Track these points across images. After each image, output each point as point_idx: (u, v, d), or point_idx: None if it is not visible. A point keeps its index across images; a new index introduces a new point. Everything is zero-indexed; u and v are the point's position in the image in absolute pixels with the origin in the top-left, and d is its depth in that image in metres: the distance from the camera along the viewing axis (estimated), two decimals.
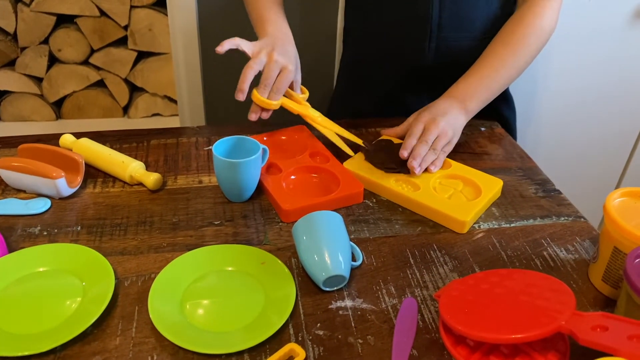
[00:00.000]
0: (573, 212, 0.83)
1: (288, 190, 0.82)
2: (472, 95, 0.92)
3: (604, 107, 1.58)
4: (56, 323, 0.61)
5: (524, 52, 0.94)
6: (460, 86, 0.94)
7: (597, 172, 1.70)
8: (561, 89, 1.52)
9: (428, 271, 0.71)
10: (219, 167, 0.79)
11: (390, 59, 1.07)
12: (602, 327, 0.53)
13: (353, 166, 0.88)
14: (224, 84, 1.55)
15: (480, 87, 0.93)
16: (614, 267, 0.66)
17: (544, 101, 1.54)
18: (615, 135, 1.64)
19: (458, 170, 0.88)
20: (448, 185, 0.85)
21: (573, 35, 1.43)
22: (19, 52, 1.65)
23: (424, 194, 0.81)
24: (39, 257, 0.69)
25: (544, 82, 1.51)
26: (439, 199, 0.81)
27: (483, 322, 0.57)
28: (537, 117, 1.56)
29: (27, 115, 1.75)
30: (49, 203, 0.80)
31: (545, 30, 0.94)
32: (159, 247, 0.73)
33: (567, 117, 1.58)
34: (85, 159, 0.85)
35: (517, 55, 0.93)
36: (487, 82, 0.93)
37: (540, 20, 0.93)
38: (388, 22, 1.02)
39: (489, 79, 0.93)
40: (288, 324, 0.62)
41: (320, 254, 0.67)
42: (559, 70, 1.49)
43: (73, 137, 0.92)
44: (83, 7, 1.59)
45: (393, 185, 0.83)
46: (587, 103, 1.56)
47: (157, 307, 0.62)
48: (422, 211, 0.81)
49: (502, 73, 0.94)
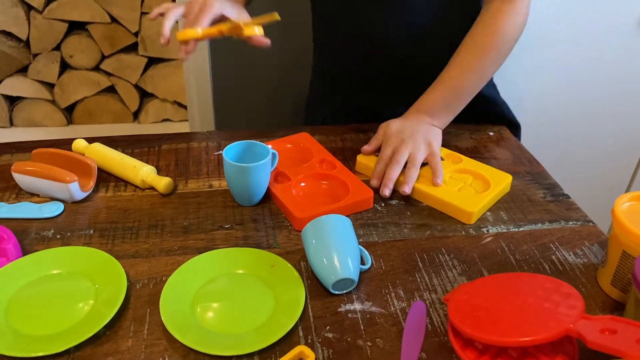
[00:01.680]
0: (581, 216, 0.83)
1: (299, 198, 0.83)
2: (439, 107, 0.93)
3: (612, 112, 1.57)
4: (69, 324, 0.62)
5: (488, 60, 0.93)
6: (426, 99, 0.94)
7: (605, 177, 1.69)
8: (570, 93, 1.52)
9: (437, 275, 0.71)
10: (229, 171, 0.80)
11: (358, 69, 1.06)
12: (611, 331, 0.54)
13: (367, 160, 0.90)
14: (233, 90, 1.56)
15: (447, 98, 0.93)
16: (622, 271, 0.66)
17: (552, 105, 1.54)
18: (623, 140, 1.63)
19: (468, 165, 0.90)
20: (458, 179, 0.87)
21: (582, 41, 1.44)
22: (32, 58, 1.67)
23: (434, 186, 0.84)
24: (53, 259, 0.70)
25: (553, 86, 1.51)
26: (448, 192, 0.83)
27: (491, 326, 0.58)
28: (546, 121, 1.56)
29: (38, 121, 1.77)
30: (62, 207, 0.81)
31: (509, 35, 0.92)
32: (170, 250, 0.74)
33: (575, 122, 1.58)
34: (97, 164, 0.86)
35: (481, 63, 0.92)
36: (453, 93, 0.93)
37: (503, 25, 0.90)
38: (350, 37, 1.02)
39: (454, 89, 0.93)
40: (298, 326, 0.63)
41: (330, 257, 0.67)
42: (567, 76, 1.49)
43: (85, 142, 0.93)
44: (94, 14, 1.61)
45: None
46: (595, 107, 1.56)
47: (168, 310, 0.63)
48: (432, 202, 0.83)
49: (467, 82, 0.93)
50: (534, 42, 1.42)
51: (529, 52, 1.43)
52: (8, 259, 0.69)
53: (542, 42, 1.43)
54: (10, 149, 0.96)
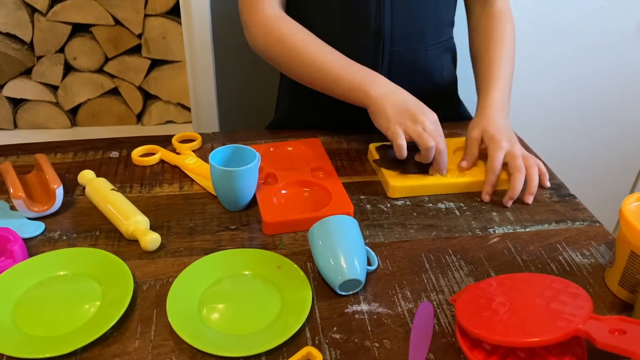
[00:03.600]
0: (588, 216, 0.83)
1: (277, 203, 0.82)
2: (504, 101, 0.95)
3: (618, 113, 1.57)
4: (76, 326, 0.62)
5: (513, 50, 1.01)
6: (490, 97, 0.94)
7: (612, 177, 1.69)
8: (575, 95, 1.52)
9: (444, 276, 0.71)
10: (215, 175, 0.79)
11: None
12: (620, 331, 0.53)
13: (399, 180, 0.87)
14: (237, 92, 1.56)
15: (504, 91, 0.96)
16: (630, 271, 0.65)
17: (559, 107, 1.54)
18: (629, 140, 1.63)
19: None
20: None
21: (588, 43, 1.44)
22: (35, 60, 1.68)
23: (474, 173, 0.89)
24: (59, 261, 0.70)
25: (560, 88, 1.51)
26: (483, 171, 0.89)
27: (499, 326, 0.57)
28: (552, 122, 1.56)
29: (42, 123, 1.77)
30: (43, 227, 0.78)
31: (514, 29, 1.02)
32: (177, 252, 0.74)
33: (581, 122, 1.58)
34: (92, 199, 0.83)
35: (511, 55, 1.00)
36: (507, 85, 0.97)
37: (512, 21, 1.02)
38: (338, 36, 0.95)
39: (506, 81, 0.96)
40: (305, 327, 0.63)
41: (336, 258, 0.67)
42: (574, 77, 1.49)
43: (93, 174, 0.87)
44: (98, 16, 1.61)
45: (442, 179, 0.87)
46: (601, 108, 1.56)
47: (175, 311, 0.63)
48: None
49: (510, 69, 0.98)
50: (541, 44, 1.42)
51: (537, 54, 1.43)
52: (14, 261, 0.69)
53: (548, 45, 1.43)
54: (16, 151, 0.96)
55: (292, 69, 0.93)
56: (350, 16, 0.95)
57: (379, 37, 0.96)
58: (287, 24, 0.92)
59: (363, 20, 0.95)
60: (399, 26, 0.96)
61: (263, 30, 0.92)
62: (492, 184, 0.85)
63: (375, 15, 0.94)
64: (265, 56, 0.94)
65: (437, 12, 1.00)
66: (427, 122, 0.83)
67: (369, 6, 0.93)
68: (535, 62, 1.44)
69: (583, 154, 1.63)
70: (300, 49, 0.90)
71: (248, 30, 0.94)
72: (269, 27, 0.91)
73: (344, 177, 0.90)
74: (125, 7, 1.61)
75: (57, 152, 0.96)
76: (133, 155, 0.93)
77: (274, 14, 0.92)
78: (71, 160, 0.94)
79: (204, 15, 1.38)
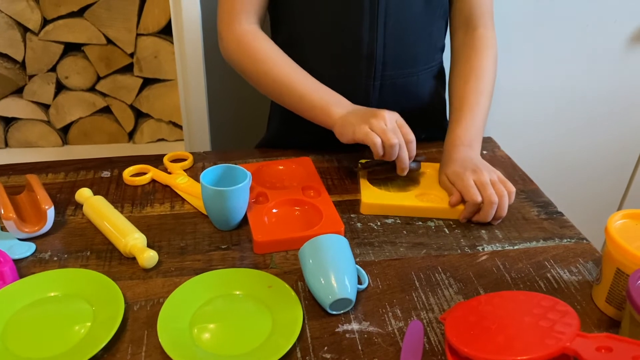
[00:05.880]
0: (575, 234, 0.84)
1: (268, 222, 0.82)
2: (475, 136, 0.94)
3: (604, 130, 1.59)
4: (67, 347, 0.62)
5: (492, 81, 0.99)
6: (458, 132, 0.94)
7: (598, 194, 1.71)
8: (562, 112, 1.54)
9: (433, 294, 0.72)
10: (206, 195, 0.79)
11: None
12: (607, 348, 0.54)
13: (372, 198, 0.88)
14: (228, 110, 1.57)
15: (476, 126, 0.95)
16: (617, 288, 0.66)
17: (545, 124, 1.55)
18: (615, 158, 1.65)
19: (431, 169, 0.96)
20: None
21: (574, 58, 1.46)
22: (27, 79, 1.68)
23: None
24: (50, 282, 0.70)
25: (546, 104, 1.52)
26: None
27: (489, 344, 0.58)
28: (539, 140, 1.57)
29: (34, 142, 1.77)
30: (34, 247, 0.78)
31: (496, 55, 1.01)
32: (167, 272, 0.74)
33: (568, 140, 1.59)
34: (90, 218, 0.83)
35: (490, 85, 0.98)
36: (480, 119, 0.96)
37: (494, 51, 1.00)
38: (330, 59, 0.98)
39: (477, 115, 0.95)
40: (295, 347, 0.63)
41: (327, 277, 0.67)
42: (560, 93, 1.51)
43: (90, 192, 0.88)
44: (90, 36, 1.62)
45: (417, 201, 0.88)
46: (588, 126, 1.58)
47: (166, 331, 0.63)
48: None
49: (485, 102, 0.97)
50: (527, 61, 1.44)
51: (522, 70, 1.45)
52: (5, 282, 0.69)
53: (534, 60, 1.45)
54: (7, 171, 0.96)
55: (260, 83, 0.96)
56: (341, 41, 0.96)
57: (371, 61, 0.97)
58: (261, 41, 0.95)
59: (355, 46, 0.96)
60: (392, 51, 0.97)
61: (236, 44, 0.95)
62: (471, 212, 0.85)
63: (368, 42, 0.95)
64: (237, 69, 0.98)
65: (429, 38, 1.01)
66: (387, 118, 0.83)
67: (362, 32, 0.94)
68: (520, 80, 1.46)
69: (570, 171, 1.65)
70: (270, 65, 0.93)
71: (222, 42, 0.98)
72: (243, 42, 0.94)
73: (334, 196, 0.91)
74: (117, 27, 1.62)
75: (48, 172, 0.96)
76: (124, 175, 0.94)
77: (249, 30, 0.95)
78: (62, 180, 0.94)
79: (195, 35, 1.39)
